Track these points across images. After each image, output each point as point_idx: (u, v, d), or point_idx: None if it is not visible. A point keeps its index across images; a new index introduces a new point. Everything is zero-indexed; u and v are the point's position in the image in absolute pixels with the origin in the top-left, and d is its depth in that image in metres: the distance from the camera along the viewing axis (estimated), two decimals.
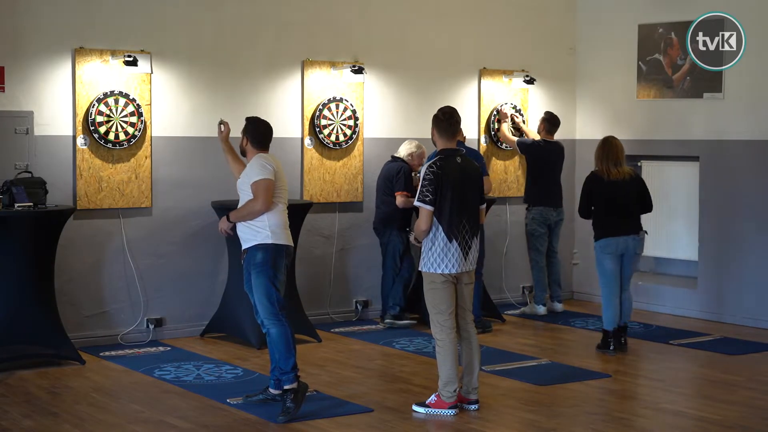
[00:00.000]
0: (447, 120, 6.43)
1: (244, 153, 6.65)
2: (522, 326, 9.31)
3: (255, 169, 6.41)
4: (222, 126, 6.94)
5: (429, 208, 6.23)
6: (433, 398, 6.41)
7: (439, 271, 6.30)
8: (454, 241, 6.27)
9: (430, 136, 9.45)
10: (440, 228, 6.28)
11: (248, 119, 6.69)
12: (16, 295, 7.34)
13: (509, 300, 10.26)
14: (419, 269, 6.47)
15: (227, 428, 6.07)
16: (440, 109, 6.55)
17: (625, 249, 8.05)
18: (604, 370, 7.55)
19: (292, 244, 6.59)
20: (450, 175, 6.27)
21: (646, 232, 8.18)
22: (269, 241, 6.36)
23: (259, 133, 6.60)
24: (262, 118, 6.80)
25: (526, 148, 9.89)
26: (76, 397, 6.72)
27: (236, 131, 9.03)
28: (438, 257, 6.29)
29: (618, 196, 8.02)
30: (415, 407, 6.43)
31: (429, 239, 6.31)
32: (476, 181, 6.45)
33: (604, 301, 8.19)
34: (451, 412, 6.33)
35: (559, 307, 9.92)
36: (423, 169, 6.31)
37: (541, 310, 9.78)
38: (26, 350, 7.40)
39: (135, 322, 8.40)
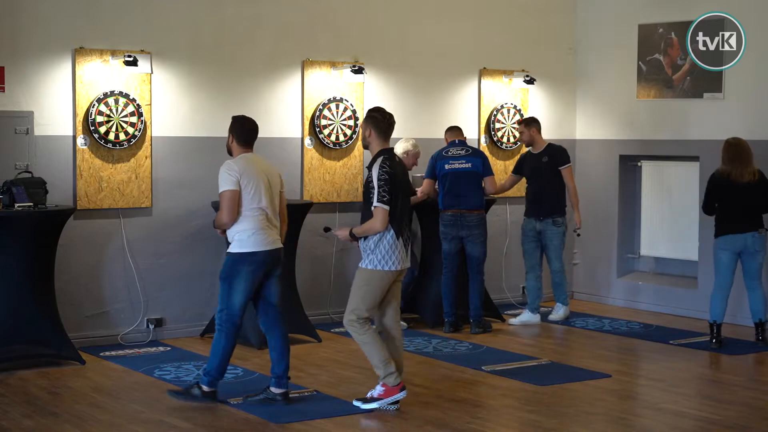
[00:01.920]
0: (387, 121, 6.43)
1: (230, 152, 6.64)
2: (522, 326, 9.31)
3: (220, 180, 6.44)
4: None
5: (387, 207, 6.23)
6: (380, 389, 6.38)
7: (386, 269, 6.30)
8: (401, 238, 6.33)
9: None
10: (390, 227, 6.28)
11: (234, 117, 6.71)
12: (16, 295, 7.34)
13: (509, 300, 10.26)
14: (360, 266, 6.40)
15: (227, 428, 6.07)
16: (377, 110, 6.51)
17: (744, 246, 8.34)
18: (604, 370, 7.54)
19: (266, 248, 6.44)
20: (398, 176, 6.32)
21: (766, 230, 8.41)
22: (232, 250, 6.45)
23: (244, 130, 6.60)
24: (253, 117, 6.78)
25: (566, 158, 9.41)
26: (76, 397, 6.72)
27: None
28: (387, 255, 6.29)
29: (740, 196, 8.30)
30: (359, 404, 6.38)
31: (376, 238, 6.29)
32: (409, 180, 6.58)
33: (713, 293, 8.51)
34: (403, 393, 6.34)
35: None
36: (376, 170, 6.24)
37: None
38: (26, 350, 7.40)
39: (135, 322, 8.41)
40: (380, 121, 6.40)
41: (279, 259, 6.54)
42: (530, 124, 9.41)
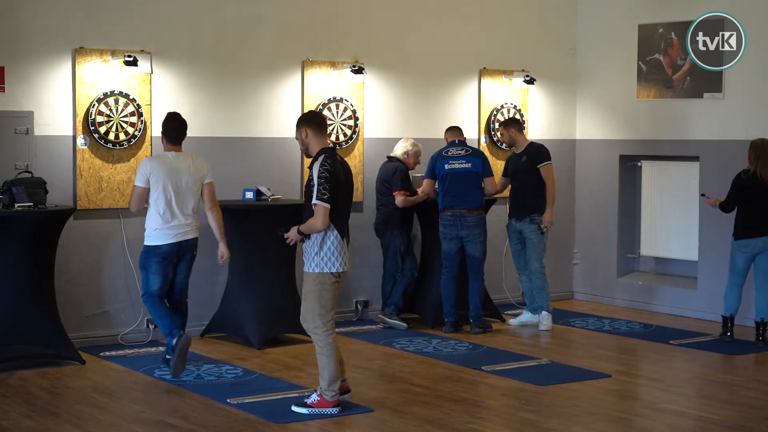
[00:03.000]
0: (319, 119, 6.47)
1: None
2: (522, 326, 9.30)
3: (136, 174, 7.38)
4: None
5: (328, 206, 6.18)
6: (315, 398, 6.34)
7: (333, 270, 6.27)
8: (344, 239, 6.31)
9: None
10: (332, 227, 6.24)
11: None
12: (16, 295, 7.34)
13: (509, 300, 10.25)
14: (306, 270, 6.33)
15: (227, 428, 6.07)
16: (311, 112, 6.69)
17: (761, 248, 8.46)
18: (604, 370, 7.55)
19: (171, 241, 7.32)
20: (338, 175, 6.28)
21: None
22: (144, 243, 7.36)
23: (166, 128, 7.41)
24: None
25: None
26: (76, 397, 6.72)
27: (234, 131, 9.05)
28: (333, 256, 6.26)
29: (765, 195, 8.37)
30: (295, 408, 6.34)
31: (318, 240, 6.24)
32: (352, 181, 6.52)
33: (727, 289, 8.61)
34: (336, 410, 6.31)
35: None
36: (316, 168, 6.21)
37: None
38: (26, 350, 7.40)
39: (135, 322, 8.40)
40: (314, 121, 6.41)
41: (188, 247, 7.45)
42: (508, 125, 9.31)
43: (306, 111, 6.71)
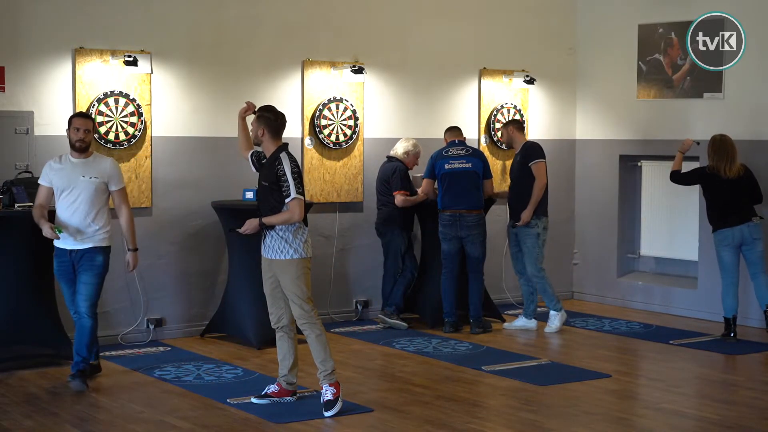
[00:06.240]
0: (279, 121, 6.52)
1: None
2: (516, 330, 9.29)
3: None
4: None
5: (303, 198, 6.38)
6: (333, 390, 6.35)
7: (310, 255, 6.48)
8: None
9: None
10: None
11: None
12: (16, 295, 7.34)
13: (509, 300, 10.25)
14: (284, 258, 6.37)
15: (227, 428, 6.07)
16: (269, 110, 6.58)
17: (742, 238, 8.53)
18: (604, 370, 7.55)
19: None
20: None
21: (761, 218, 8.61)
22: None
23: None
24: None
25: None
26: (76, 397, 6.72)
27: (234, 131, 9.04)
28: (305, 243, 6.43)
29: (729, 191, 8.53)
30: (329, 413, 6.28)
31: (292, 229, 6.38)
32: None
33: (723, 290, 8.67)
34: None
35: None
36: (287, 165, 6.35)
37: None
38: (26, 350, 7.41)
39: (135, 322, 8.40)
40: (272, 121, 6.49)
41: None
42: (507, 124, 9.21)
43: (267, 105, 6.67)
